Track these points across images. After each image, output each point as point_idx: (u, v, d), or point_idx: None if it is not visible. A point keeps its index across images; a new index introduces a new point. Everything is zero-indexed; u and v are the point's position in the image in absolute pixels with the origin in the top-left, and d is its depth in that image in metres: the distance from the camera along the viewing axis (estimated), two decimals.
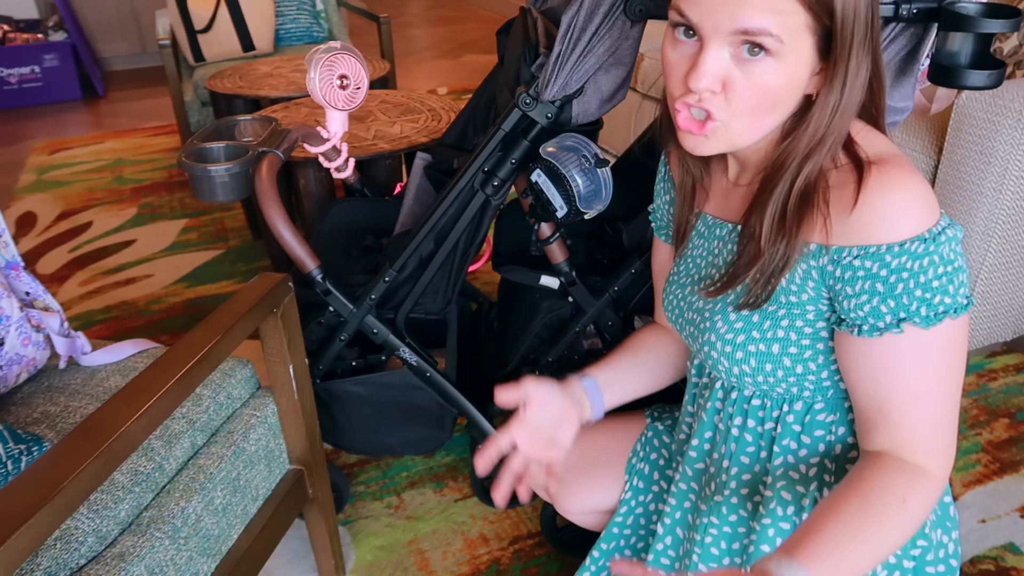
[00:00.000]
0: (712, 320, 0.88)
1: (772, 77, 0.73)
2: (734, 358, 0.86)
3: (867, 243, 0.74)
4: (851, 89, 0.75)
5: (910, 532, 0.79)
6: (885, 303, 0.75)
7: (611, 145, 2.92)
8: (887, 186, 0.73)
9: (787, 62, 0.72)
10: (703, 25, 0.72)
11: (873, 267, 0.75)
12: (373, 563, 1.45)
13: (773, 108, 0.75)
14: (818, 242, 0.78)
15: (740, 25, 0.70)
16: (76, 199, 3.10)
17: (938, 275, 0.74)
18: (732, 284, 0.84)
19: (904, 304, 0.74)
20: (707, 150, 0.79)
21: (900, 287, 0.74)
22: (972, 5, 0.87)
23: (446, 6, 6.67)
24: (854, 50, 0.73)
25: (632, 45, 1.08)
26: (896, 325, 0.75)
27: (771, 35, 0.70)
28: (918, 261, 0.73)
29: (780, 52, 0.71)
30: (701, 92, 0.74)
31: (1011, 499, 1.54)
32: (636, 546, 1.10)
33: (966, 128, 1.66)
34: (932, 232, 0.73)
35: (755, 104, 0.74)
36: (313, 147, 1.48)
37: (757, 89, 0.73)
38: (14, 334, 1.09)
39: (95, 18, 4.77)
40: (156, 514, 0.98)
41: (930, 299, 0.74)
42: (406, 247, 1.30)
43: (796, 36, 0.71)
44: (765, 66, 0.72)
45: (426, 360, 1.40)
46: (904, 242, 0.73)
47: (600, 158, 1.17)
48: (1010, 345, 1.98)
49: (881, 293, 0.75)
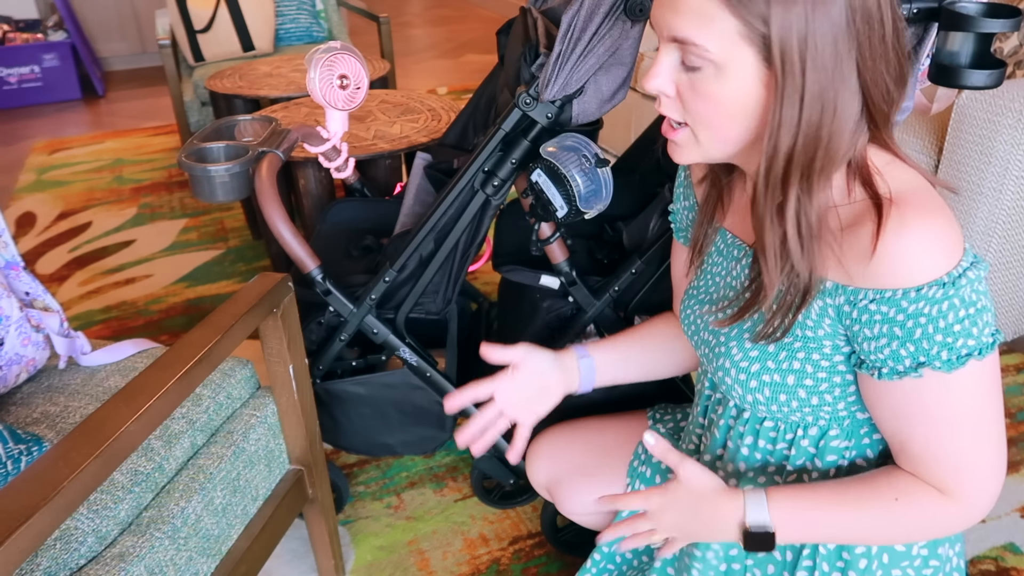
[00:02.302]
0: (728, 346, 0.86)
1: (715, 87, 0.71)
2: (748, 386, 0.85)
3: (883, 287, 0.72)
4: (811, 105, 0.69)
5: (893, 533, 0.80)
6: (904, 347, 0.73)
7: (611, 145, 2.92)
8: (905, 228, 0.70)
9: (728, 73, 0.70)
10: (656, 26, 0.73)
11: (890, 312, 0.72)
12: (373, 563, 1.44)
13: (730, 119, 0.73)
14: (834, 280, 0.75)
15: (672, 33, 0.70)
16: (76, 199, 3.10)
17: (959, 319, 0.71)
18: (741, 316, 0.82)
19: (924, 349, 0.72)
20: (682, 158, 0.79)
21: (919, 332, 0.72)
22: (972, 5, 0.87)
23: (446, 6, 6.67)
24: (809, 61, 0.67)
25: (632, 45, 1.08)
26: (915, 370, 0.73)
27: (697, 45, 0.69)
28: (936, 306, 0.71)
29: (718, 63, 0.70)
30: (659, 95, 0.75)
31: (1011, 499, 1.54)
32: (637, 549, 1.10)
33: (966, 128, 1.66)
34: (952, 275, 0.70)
35: (708, 113, 0.73)
36: (313, 147, 1.48)
37: (703, 99, 0.72)
38: (14, 334, 1.09)
39: (95, 18, 4.77)
40: (156, 514, 0.98)
41: (952, 343, 0.71)
42: (406, 247, 1.30)
43: (732, 45, 0.68)
44: (706, 75, 0.71)
45: (426, 360, 1.40)
46: (921, 287, 0.70)
47: (600, 158, 1.17)
48: (1010, 345, 1.98)
49: (900, 337, 0.73)
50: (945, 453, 0.76)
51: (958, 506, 0.77)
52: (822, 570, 0.86)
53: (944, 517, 0.78)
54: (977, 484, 0.77)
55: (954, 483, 0.76)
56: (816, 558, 0.87)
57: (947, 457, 0.76)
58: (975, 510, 0.78)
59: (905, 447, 0.78)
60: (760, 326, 0.81)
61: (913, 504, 0.78)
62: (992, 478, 0.77)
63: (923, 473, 0.78)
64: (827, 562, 0.86)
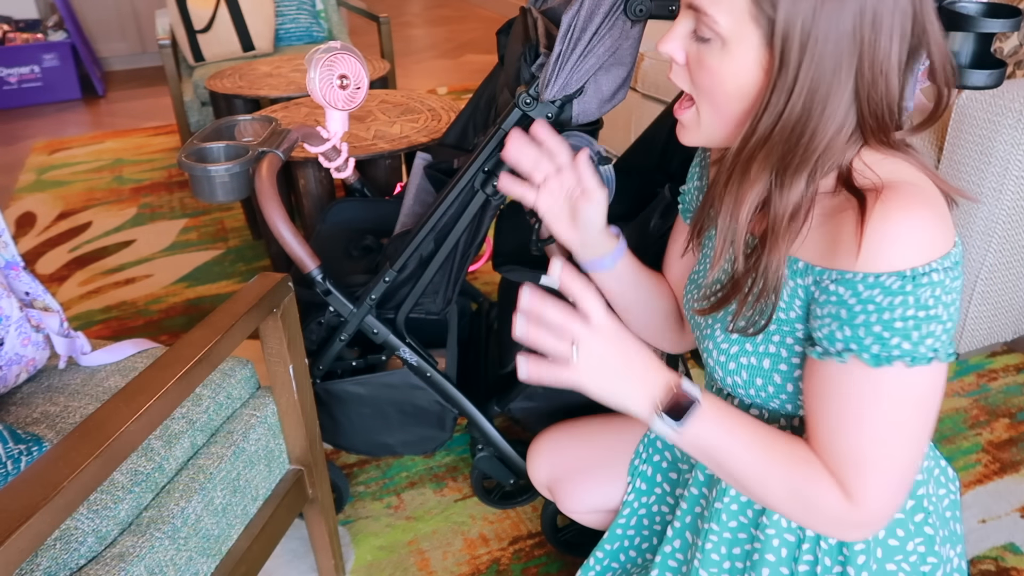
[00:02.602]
0: (712, 328, 0.88)
1: (718, 63, 0.73)
2: (727, 368, 0.86)
3: (846, 268, 0.71)
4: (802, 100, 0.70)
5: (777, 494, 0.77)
6: (841, 330, 0.72)
7: (611, 145, 2.92)
8: (880, 215, 0.69)
9: (732, 51, 0.72)
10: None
11: (844, 294, 0.72)
12: (373, 563, 1.44)
13: (728, 97, 0.75)
14: (806, 261, 0.76)
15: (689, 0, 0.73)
16: (76, 199, 3.10)
17: (904, 317, 0.69)
18: (718, 308, 0.83)
19: (859, 336, 0.71)
20: (687, 139, 0.81)
21: (860, 318, 0.71)
22: (972, 5, 0.87)
23: (446, 6, 6.67)
24: (807, 58, 0.68)
25: (632, 45, 1.08)
26: (840, 355, 0.72)
27: (707, 15, 0.71)
28: (889, 298, 0.69)
29: (725, 39, 0.71)
30: (671, 61, 0.76)
31: (1011, 499, 1.54)
32: (640, 547, 1.10)
33: (966, 128, 1.66)
34: (915, 271, 0.69)
35: (708, 88, 0.75)
36: (313, 147, 1.48)
37: (707, 72, 0.74)
38: (14, 334, 1.09)
39: (95, 18, 4.77)
40: (156, 514, 0.98)
41: (886, 339, 0.70)
42: (406, 247, 1.30)
43: (740, 23, 0.70)
44: (712, 49, 0.73)
45: (426, 360, 1.40)
46: (881, 275, 0.69)
47: (602, 155, 1.17)
48: (1010, 345, 1.98)
49: (841, 320, 0.72)
50: (849, 447, 0.73)
51: (848, 505, 0.75)
52: (824, 564, 0.87)
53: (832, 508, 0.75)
54: (874, 492, 0.74)
55: (853, 481, 0.74)
56: (817, 551, 0.87)
57: (850, 452, 0.74)
58: (866, 516, 0.75)
59: (815, 432, 0.76)
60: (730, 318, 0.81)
61: (813, 471, 0.76)
62: (891, 491, 0.74)
63: (828, 463, 0.76)
64: (828, 556, 0.87)
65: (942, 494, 0.91)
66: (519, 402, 1.44)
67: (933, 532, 0.87)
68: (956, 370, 1.90)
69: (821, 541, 0.87)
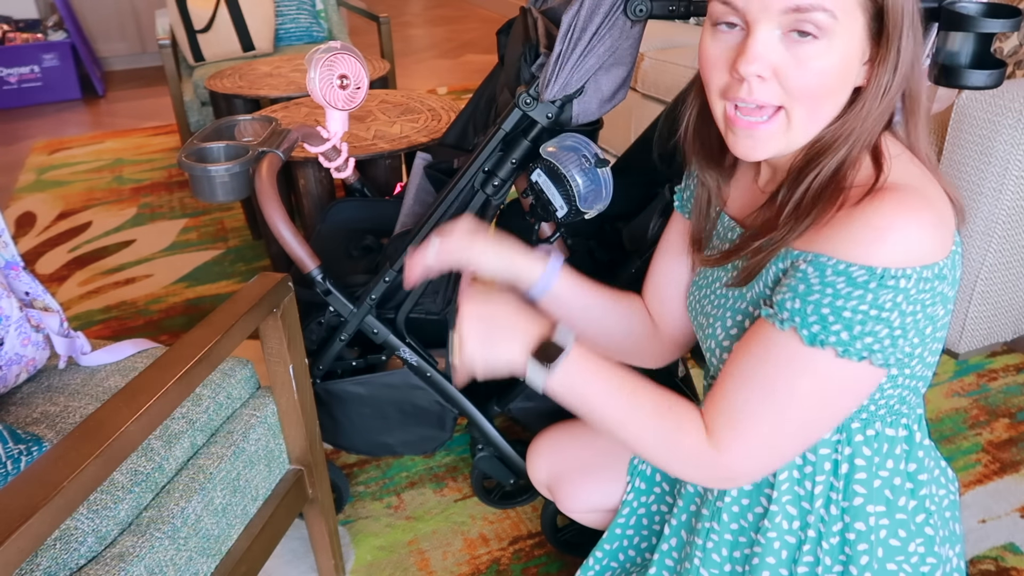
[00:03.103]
0: (713, 327, 0.88)
1: (824, 60, 0.70)
2: None
3: (821, 252, 0.72)
4: (900, 73, 0.73)
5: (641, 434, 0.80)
6: (793, 301, 0.73)
7: (611, 145, 2.92)
8: (872, 209, 0.70)
9: (838, 44, 0.70)
10: (749, 8, 0.70)
11: (811, 274, 0.72)
12: (373, 563, 1.44)
13: (828, 96, 0.73)
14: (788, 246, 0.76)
15: (792, 2, 0.68)
16: (76, 199, 3.10)
17: (855, 309, 0.70)
18: (730, 258, 0.84)
19: (805, 312, 0.72)
20: (761, 153, 0.76)
21: (814, 296, 0.72)
22: (972, 5, 0.87)
23: (446, 6, 6.67)
24: (906, 29, 0.71)
25: (632, 45, 1.08)
26: (781, 322, 0.73)
27: (824, 10, 0.68)
28: (849, 288, 0.70)
29: (831, 32, 0.69)
30: (750, 78, 0.72)
31: (1011, 499, 1.54)
32: (640, 546, 1.10)
33: (966, 128, 1.66)
34: (887, 272, 0.69)
35: (811, 90, 0.72)
36: (313, 147, 1.48)
37: (810, 73, 0.71)
38: (14, 334, 1.09)
39: (95, 18, 4.77)
40: (156, 514, 0.98)
41: (829, 323, 0.71)
42: (406, 247, 1.30)
43: (848, 14, 0.69)
44: (817, 48, 0.70)
45: (426, 360, 1.40)
46: (852, 265, 0.70)
47: (600, 158, 1.17)
48: (1010, 345, 1.98)
49: (797, 292, 0.73)
50: (740, 398, 0.76)
51: (710, 451, 0.77)
52: (824, 564, 0.86)
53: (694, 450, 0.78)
54: (736, 449, 0.76)
55: (721, 429, 0.76)
56: (818, 552, 0.87)
57: (739, 402, 0.76)
58: (714, 464, 0.77)
59: (721, 380, 0.78)
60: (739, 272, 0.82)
61: (676, 417, 0.78)
62: (752, 459, 0.77)
63: (712, 404, 0.78)
64: (829, 556, 0.86)
65: (942, 495, 0.91)
66: (519, 402, 1.44)
67: (933, 533, 0.87)
68: (956, 370, 1.90)
69: (823, 541, 0.87)
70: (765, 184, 0.87)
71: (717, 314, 0.88)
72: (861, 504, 0.85)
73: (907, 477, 0.86)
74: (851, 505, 0.85)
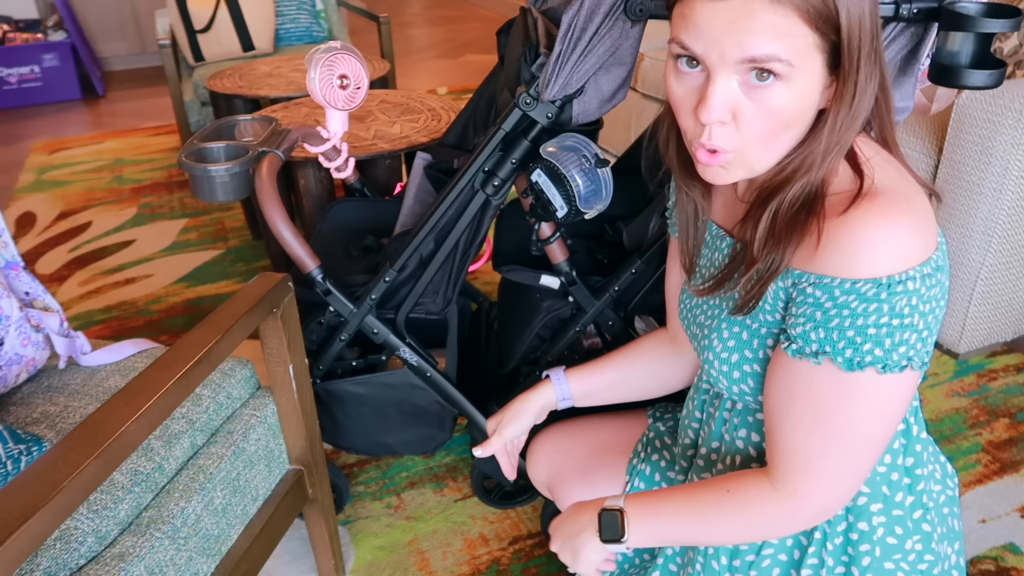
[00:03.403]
0: (709, 338, 0.88)
1: (783, 100, 0.71)
2: (732, 377, 0.86)
3: (824, 272, 0.73)
4: (860, 100, 0.73)
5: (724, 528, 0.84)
6: (816, 331, 0.74)
7: (611, 145, 2.92)
8: (860, 222, 0.70)
9: (798, 83, 0.70)
10: (708, 56, 0.70)
11: (821, 297, 0.73)
12: (373, 563, 1.44)
13: (785, 129, 0.73)
14: (789, 266, 0.77)
15: (748, 54, 0.68)
16: (76, 199, 3.10)
17: (878, 324, 0.71)
18: (720, 287, 0.84)
19: (833, 339, 0.73)
20: (727, 179, 0.77)
21: (835, 322, 0.72)
22: (972, 5, 0.87)
23: (446, 6, 6.67)
24: (863, 61, 0.71)
25: (632, 45, 1.08)
26: (815, 355, 0.74)
27: (780, 60, 0.68)
28: (864, 304, 0.71)
29: (790, 75, 0.69)
30: (711, 125, 0.73)
31: (1011, 499, 1.54)
32: (640, 547, 1.10)
33: (966, 128, 1.66)
34: (891, 279, 0.70)
35: (767, 130, 0.72)
36: (313, 147, 1.48)
37: (768, 114, 0.71)
38: (14, 334, 1.09)
39: (95, 18, 4.77)
40: (156, 514, 0.98)
41: (859, 344, 0.72)
42: (406, 247, 1.30)
43: (805, 57, 0.69)
44: (775, 90, 0.70)
45: (426, 360, 1.40)
46: (857, 281, 0.71)
47: (600, 158, 1.17)
48: (1010, 345, 1.98)
49: (817, 321, 0.73)
50: (804, 444, 0.76)
51: (783, 503, 0.78)
52: (827, 566, 0.86)
53: (768, 513, 0.80)
54: (813, 487, 0.77)
55: (793, 476, 0.77)
56: (823, 553, 0.87)
57: (804, 448, 0.76)
58: (801, 511, 0.78)
59: (774, 427, 0.79)
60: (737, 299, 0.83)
61: (741, 496, 0.80)
62: (831, 488, 0.77)
63: (774, 455, 0.79)
64: (832, 557, 0.87)
65: (938, 490, 0.91)
66: None
67: (931, 529, 0.87)
68: (956, 370, 1.90)
69: (827, 542, 0.87)
70: (743, 193, 0.88)
71: (712, 325, 0.88)
72: (865, 504, 0.85)
73: (904, 472, 0.87)
74: (855, 504, 0.85)
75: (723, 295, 0.86)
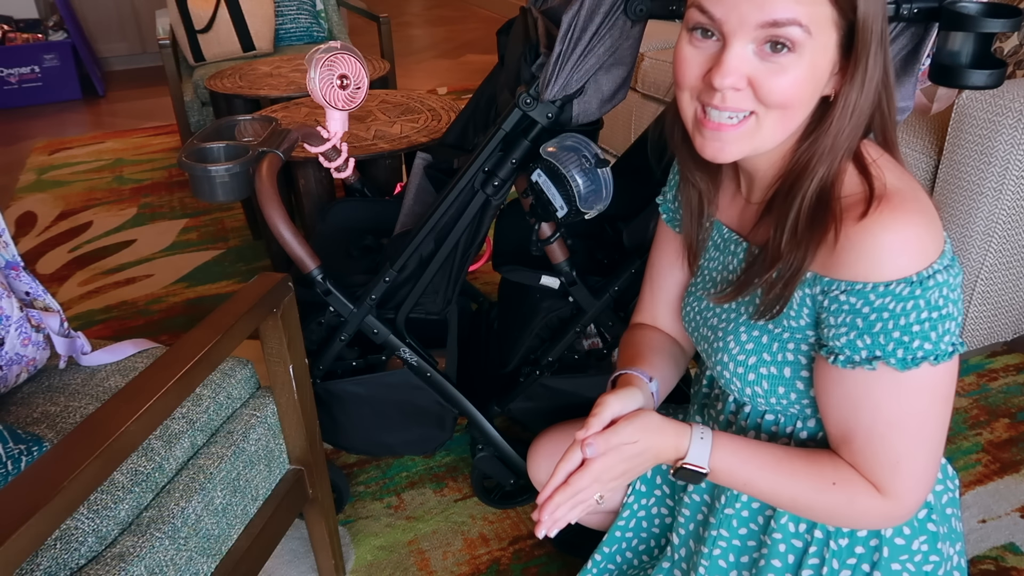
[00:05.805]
0: (724, 340, 0.87)
1: (797, 71, 0.71)
2: (747, 379, 0.86)
3: (854, 279, 0.74)
4: (869, 87, 0.74)
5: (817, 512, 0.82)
6: (861, 339, 0.75)
7: (611, 145, 2.92)
8: (880, 225, 0.72)
9: (811, 58, 0.71)
10: (727, 20, 0.71)
11: (857, 303, 0.74)
12: (373, 563, 1.44)
13: (799, 105, 0.74)
14: (813, 270, 0.77)
15: (768, 16, 0.69)
16: (76, 199, 3.10)
17: (920, 320, 0.73)
18: (742, 292, 0.84)
19: (880, 343, 0.74)
20: (729, 155, 0.77)
21: (879, 326, 0.74)
22: (973, 5, 0.87)
23: (446, 6, 6.67)
24: (873, 47, 0.72)
25: (632, 45, 1.08)
26: (869, 362, 0.75)
27: (800, 25, 0.69)
28: (901, 303, 0.73)
29: (805, 47, 0.70)
30: (725, 90, 0.73)
31: (1011, 499, 1.54)
32: (638, 548, 1.10)
33: (966, 128, 1.66)
34: (921, 275, 0.72)
35: (784, 98, 0.73)
36: (313, 147, 1.48)
37: (784, 83, 0.72)
38: (14, 334, 1.09)
39: (95, 18, 4.77)
40: (156, 514, 0.98)
41: (908, 342, 0.74)
42: (406, 247, 1.30)
43: (822, 30, 0.70)
44: (789, 61, 0.71)
45: (426, 360, 1.40)
46: (890, 283, 0.72)
47: (600, 158, 1.17)
48: (1010, 345, 1.98)
49: (860, 328, 0.75)
50: (885, 449, 0.77)
51: (887, 503, 0.79)
52: (831, 567, 0.86)
53: (872, 512, 0.80)
54: (910, 485, 0.79)
55: (889, 480, 0.78)
56: (824, 554, 0.87)
57: (886, 453, 0.78)
58: (902, 509, 0.80)
59: (848, 438, 0.80)
60: (758, 303, 0.82)
61: (848, 492, 0.80)
62: (924, 481, 0.79)
63: (861, 466, 0.79)
64: (837, 559, 0.86)
65: (940, 491, 0.91)
66: (519, 402, 1.45)
67: (935, 529, 0.87)
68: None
69: (831, 541, 0.87)
70: (748, 194, 0.88)
71: (727, 328, 0.88)
72: None
73: None
74: None
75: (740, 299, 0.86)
